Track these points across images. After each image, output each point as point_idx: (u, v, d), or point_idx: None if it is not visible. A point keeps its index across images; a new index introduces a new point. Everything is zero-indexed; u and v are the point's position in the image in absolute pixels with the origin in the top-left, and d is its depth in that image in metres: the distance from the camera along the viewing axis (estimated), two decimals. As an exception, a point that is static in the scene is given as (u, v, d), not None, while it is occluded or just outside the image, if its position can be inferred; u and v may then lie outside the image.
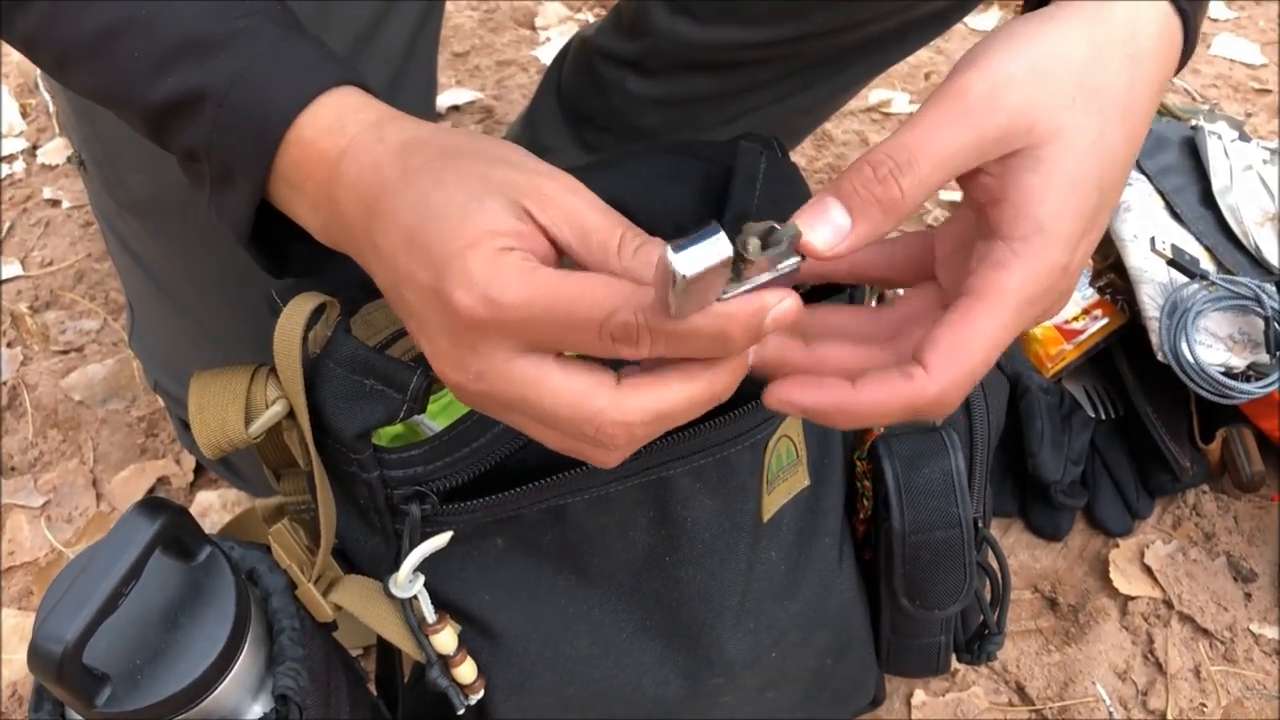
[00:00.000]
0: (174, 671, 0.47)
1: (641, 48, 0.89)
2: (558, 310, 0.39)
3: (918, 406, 0.42)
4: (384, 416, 0.50)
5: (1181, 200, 0.95)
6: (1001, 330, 0.42)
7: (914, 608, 0.66)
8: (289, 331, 0.49)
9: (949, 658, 0.72)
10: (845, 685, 0.72)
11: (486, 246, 0.39)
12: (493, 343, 0.40)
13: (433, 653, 0.55)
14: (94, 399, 1.04)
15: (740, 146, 0.61)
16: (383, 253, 0.42)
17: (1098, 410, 0.96)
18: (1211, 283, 0.87)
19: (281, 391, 0.51)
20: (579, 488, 0.54)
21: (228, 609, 0.49)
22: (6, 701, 0.83)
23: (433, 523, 0.53)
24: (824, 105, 0.95)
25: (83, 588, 0.44)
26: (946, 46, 1.50)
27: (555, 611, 0.58)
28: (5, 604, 0.89)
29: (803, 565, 0.64)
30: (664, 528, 0.57)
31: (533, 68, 1.44)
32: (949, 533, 0.64)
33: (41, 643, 0.43)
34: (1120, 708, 0.85)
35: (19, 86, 1.38)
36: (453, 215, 0.40)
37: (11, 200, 1.25)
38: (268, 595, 0.53)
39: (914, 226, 1.24)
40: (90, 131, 0.76)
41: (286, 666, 0.51)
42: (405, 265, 0.41)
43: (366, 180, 0.43)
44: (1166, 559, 0.93)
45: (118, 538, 0.46)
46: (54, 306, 1.13)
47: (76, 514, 0.95)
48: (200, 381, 0.51)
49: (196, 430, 0.51)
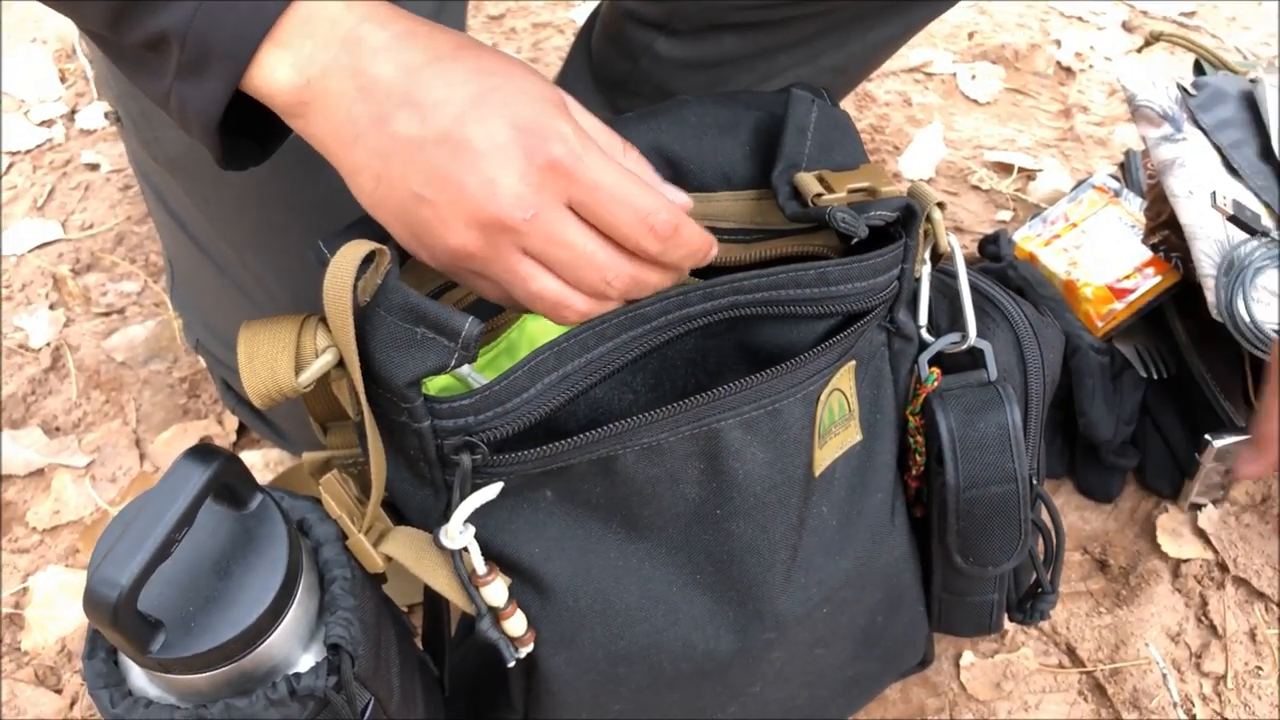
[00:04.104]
0: (227, 619, 0.47)
1: (668, 8, 0.88)
2: (621, 189, 0.49)
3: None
4: (435, 365, 0.49)
5: (1239, 155, 0.92)
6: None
7: (967, 564, 0.65)
8: (339, 279, 0.48)
9: (1001, 617, 0.71)
10: (895, 643, 0.71)
11: (572, 117, 0.49)
12: (561, 190, 0.48)
13: (483, 604, 0.54)
14: (136, 360, 1.04)
15: (791, 95, 0.60)
16: (434, 105, 0.47)
17: (1149, 370, 0.94)
18: (1272, 240, 0.85)
19: (331, 340, 0.50)
20: (630, 438, 0.53)
21: (280, 557, 0.49)
22: (55, 657, 0.84)
23: (483, 474, 0.52)
24: (858, 65, 0.93)
25: (137, 534, 0.44)
26: (990, 7, 1.47)
27: (605, 564, 0.58)
28: (52, 562, 0.90)
29: (855, 521, 0.63)
30: (715, 480, 0.56)
31: (569, 29, 1.43)
32: (1004, 488, 0.62)
33: (97, 587, 0.43)
34: (1174, 670, 0.83)
35: (57, 52, 1.38)
36: (533, 85, 0.49)
37: (51, 164, 1.25)
38: (319, 545, 0.53)
39: (960, 186, 1.22)
40: (126, 88, 0.76)
41: (338, 616, 0.51)
42: (475, 115, 0.47)
43: (404, 45, 0.48)
44: (1220, 521, 0.91)
45: (170, 484, 0.46)
46: (95, 269, 1.13)
47: (120, 474, 0.96)
48: (249, 331, 0.51)
49: (246, 379, 0.50)
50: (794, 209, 0.56)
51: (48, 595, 0.87)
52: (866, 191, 0.56)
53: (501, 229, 0.48)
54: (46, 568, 0.89)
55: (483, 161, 0.47)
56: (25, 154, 1.26)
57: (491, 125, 0.47)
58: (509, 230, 0.48)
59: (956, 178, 1.24)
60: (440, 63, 0.48)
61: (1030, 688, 0.83)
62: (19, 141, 1.27)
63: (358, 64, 0.48)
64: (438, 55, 0.48)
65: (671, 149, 0.58)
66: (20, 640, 0.85)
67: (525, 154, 0.47)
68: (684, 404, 0.53)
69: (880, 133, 1.29)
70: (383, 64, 0.48)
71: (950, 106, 1.34)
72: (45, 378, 1.03)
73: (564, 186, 0.48)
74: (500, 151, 0.47)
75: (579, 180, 0.48)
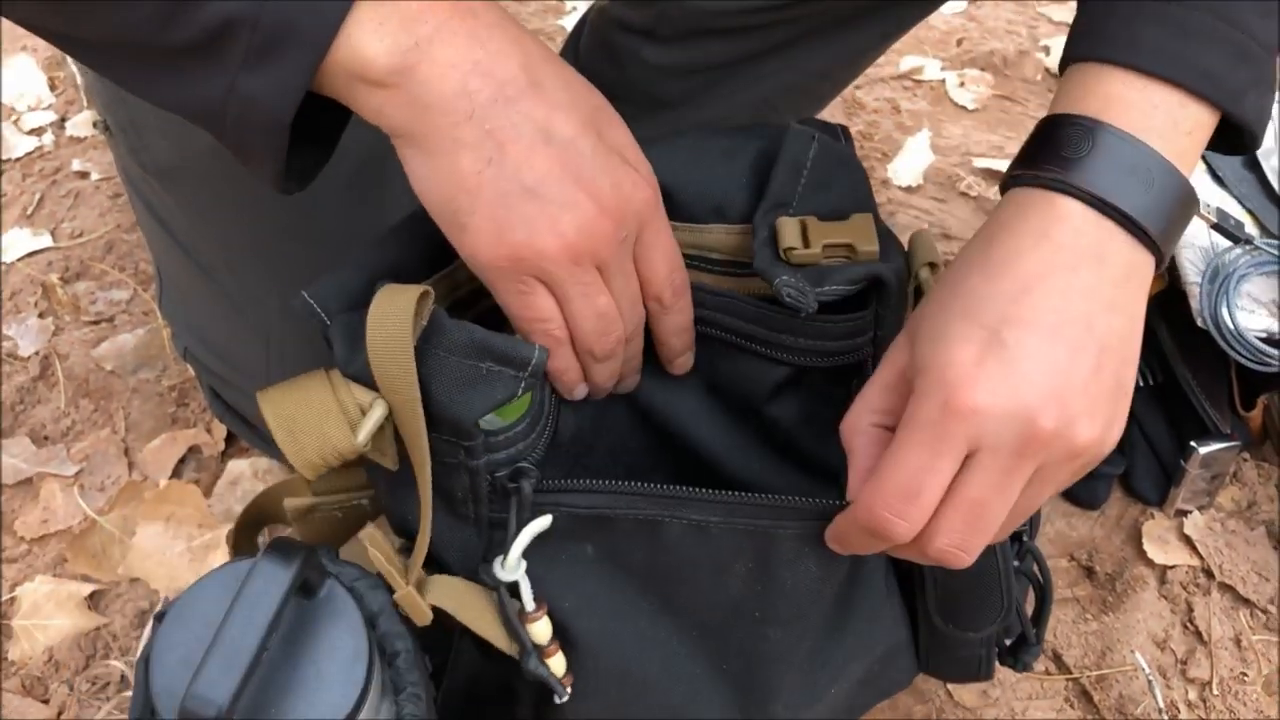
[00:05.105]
0: (311, 717, 0.45)
1: (653, 15, 0.88)
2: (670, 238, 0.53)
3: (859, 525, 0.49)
4: (503, 397, 0.48)
5: (1223, 163, 0.93)
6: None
7: (948, 628, 0.63)
8: (395, 328, 0.46)
9: (991, 667, 0.68)
10: (888, 683, 0.70)
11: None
12: (643, 224, 0.50)
13: (529, 641, 0.53)
14: (125, 368, 1.04)
15: (790, 130, 0.58)
16: (562, 105, 0.47)
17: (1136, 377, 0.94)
18: (1255, 247, 0.86)
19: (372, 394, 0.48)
20: (678, 508, 0.52)
21: (358, 648, 0.46)
22: (43, 667, 0.84)
23: (536, 505, 0.52)
24: (843, 69, 0.93)
25: (230, 646, 0.42)
26: (979, 13, 1.48)
27: (634, 631, 0.56)
28: (40, 571, 0.90)
29: (851, 594, 0.60)
30: (760, 584, 0.55)
31: (559, 38, 1.43)
32: (982, 562, 0.57)
33: (195, 706, 0.41)
34: (1160, 676, 0.84)
35: (47, 60, 1.38)
36: (615, 113, 0.51)
37: (41, 172, 1.25)
38: (374, 615, 0.50)
39: (949, 193, 1.23)
40: (114, 96, 0.76)
41: (408, 694, 0.49)
42: (606, 124, 0.49)
43: (515, 28, 0.47)
44: (1206, 528, 0.92)
45: (257, 587, 0.43)
46: (84, 277, 1.13)
47: (109, 482, 0.96)
48: (273, 401, 0.48)
49: (293, 452, 0.48)
50: (764, 259, 0.54)
51: (35, 605, 0.87)
52: (846, 249, 0.54)
53: (606, 240, 0.48)
54: (34, 577, 0.89)
55: (617, 173, 0.48)
56: (15, 162, 1.26)
57: (620, 140, 0.50)
58: (610, 244, 0.48)
59: (945, 185, 1.24)
60: (553, 62, 0.48)
61: (1017, 694, 0.83)
62: (9, 149, 1.27)
63: (474, 34, 0.45)
64: (546, 54, 0.48)
65: (661, 177, 0.56)
66: (7, 650, 0.85)
67: (647, 179, 0.50)
68: (741, 499, 0.52)
69: (869, 139, 1.30)
70: (500, 41, 0.46)
71: (939, 113, 1.34)
72: (34, 386, 1.03)
73: (646, 221, 0.50)
74: (630, 170, 0.49)
75: (657, 221, 0.51)
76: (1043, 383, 0.45)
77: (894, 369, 0.50)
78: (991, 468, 0.46)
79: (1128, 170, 0.47)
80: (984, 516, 0.47)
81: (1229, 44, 0.47)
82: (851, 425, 0.51)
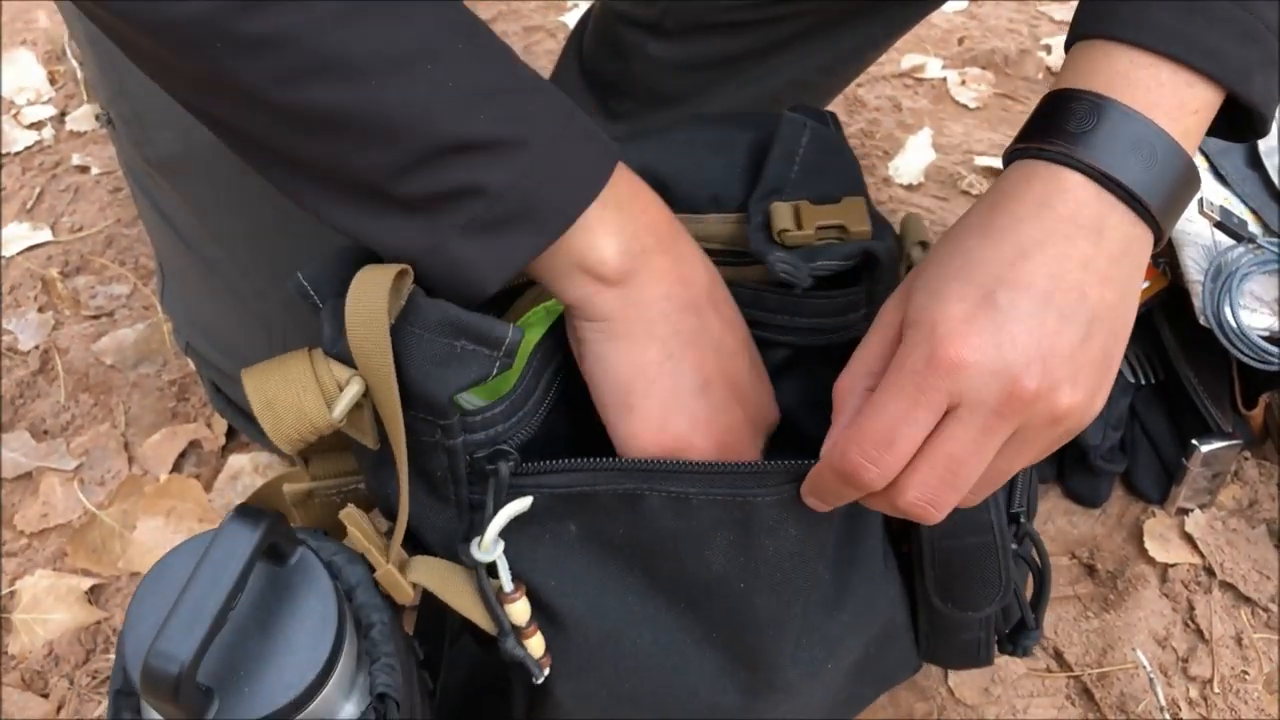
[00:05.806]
0: (280, 682, 0.45)
1: (658, 9, 0.88)
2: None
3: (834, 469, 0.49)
4: (477, 376, 0.48)
5: (1226, 161, 0.93)
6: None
7: (947, 608, 0.63)
8: (371, 304, 0.47)
9: (990, 652, 0.68)
10: (887, 669, 0.69)
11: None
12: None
13: (507, 622, 0.53)
14: (125, 363, 1.04)
15: (784, 118, 0.59)
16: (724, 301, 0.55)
17: (1137, 375, 0.95)
18: (1258, 246, 0.86)
19: (350, 370, 0.49)
20: (657, 481, 0.52)
21: (328, 614, 0.47)
22: (42, 661, 0.84)
23: (514, 487, 0.52)
24: (847, 65, 0.93)
25: (193, 604, 0.42)
26: (980, 12, 1.48)
27: (621, 607, 0.56)
28: (40, 565, 0.90)
29: (848, 572, 0.61)
30: (743, 555, 0.55)
31: (560, 33, 1.43)
32: (980, 539, 0.60)
33: (157, 663, 0.41)
34: (1161, 674, 0.84)
35: (46, 54, 1.38)
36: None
37: (41, 166, 1.24)
38: (352, 589, 0.51)
39: (950, 192, 1.23)
40: (117, 89, 0.76)
41: (381, 664, 0.49)
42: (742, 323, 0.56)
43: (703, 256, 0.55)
44: (1207, 526, 0.92)
45: (221, 549, 0.44)
46: (84, 271, 1.13)
47: (109, 477, 0.96)
48: (256, 378, 0.49)
49: (271, 426, 0.49)
50: (758, 241, 0.55)
51: (35, 599, 0.87)
52: (838, 230, 0.56)
53: (747, 446, 0.55)
54: (34, 571, 0.89)
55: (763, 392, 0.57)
56: (15, 156, 1.26)
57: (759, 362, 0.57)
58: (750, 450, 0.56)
59: (946, 183, 1.24)
60: (723, 286, 0.55)
61: (1018, 692, 0.83)
62: (8, 143, 1.26)
63: (679, 250, 0.53)
64: (718, 278, 0.55)
65: (658, 168, 0.57)
66: (7, 644, 0.85)
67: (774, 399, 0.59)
68: (718, 467, 0.52)
69: (870, 138, 1.30)
70: (693, 261, 0.53)
71: (940, 111, 1.34)
72: (34, 380, 1.03)
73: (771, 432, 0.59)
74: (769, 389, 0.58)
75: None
76: (1030, 344, 0.45)
77: (889, 330, 0.50)
78: (970, 424, 0.46)
79: (1132, 146, 0.47)
80: (958, 473, 0.47)
81: (1237, 24, 0.48)
82: (847, 386, 0.51)
